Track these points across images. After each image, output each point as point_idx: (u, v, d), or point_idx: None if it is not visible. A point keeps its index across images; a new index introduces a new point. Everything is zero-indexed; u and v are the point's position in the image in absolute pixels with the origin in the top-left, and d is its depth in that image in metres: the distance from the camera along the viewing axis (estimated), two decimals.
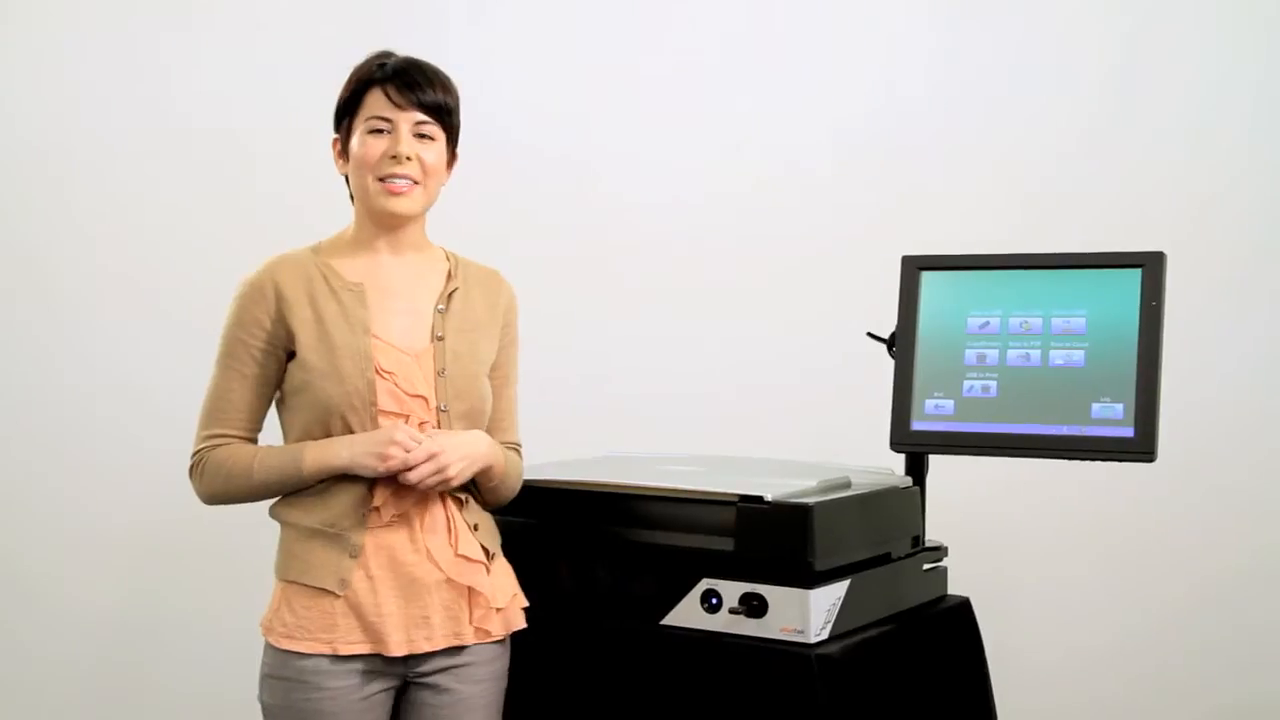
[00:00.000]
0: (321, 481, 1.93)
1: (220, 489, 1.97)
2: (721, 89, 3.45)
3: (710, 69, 3.46)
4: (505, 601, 2.00)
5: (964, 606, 2.29)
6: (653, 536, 2.06)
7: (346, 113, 2.00)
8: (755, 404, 3.33)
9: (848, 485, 2.10)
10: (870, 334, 2.36)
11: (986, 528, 3.15)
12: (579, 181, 3.43)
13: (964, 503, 2.61)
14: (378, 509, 1.93)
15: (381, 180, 1.95)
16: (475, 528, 2.00)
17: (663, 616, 2.02)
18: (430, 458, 1.89)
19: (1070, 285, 2.18)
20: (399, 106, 1.95)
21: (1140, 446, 2.06)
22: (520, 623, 2.02)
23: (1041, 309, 2.20)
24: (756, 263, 3.40)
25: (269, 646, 1.94)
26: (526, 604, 2.04)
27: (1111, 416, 2.10)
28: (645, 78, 3.46)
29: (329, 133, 2.05)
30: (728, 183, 3.44)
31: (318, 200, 2.28)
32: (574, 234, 3.41)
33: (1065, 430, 2.13)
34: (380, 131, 1.96)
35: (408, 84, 1.96)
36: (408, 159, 1.95)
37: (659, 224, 3.42)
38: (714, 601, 1.97)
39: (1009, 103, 3.37)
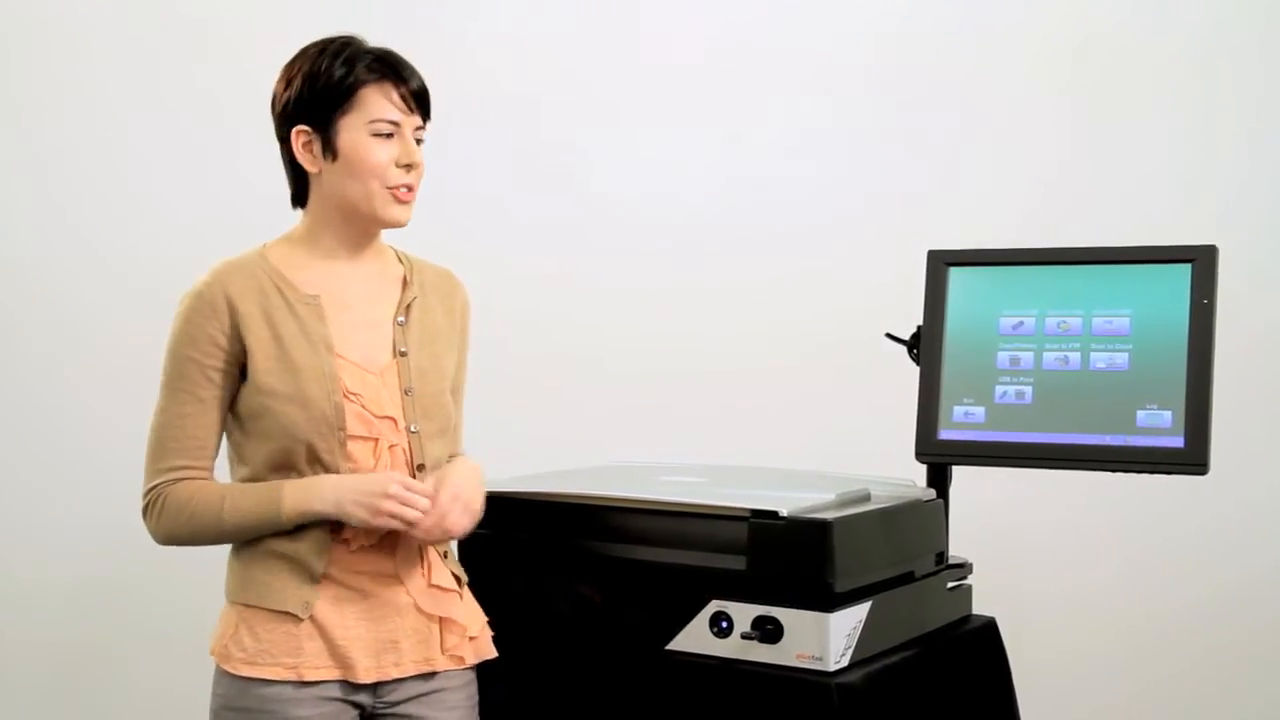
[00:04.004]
0: None
1: (183, 530, 1.84)
2: (725, 73, 3.36)
3: (712, 56, 3.36)
4: (478, 630, 1.94)
5: (990, 627, 2.22)
6: (657, 554, 1.98)
7: (332, 107, 1.84)
8: (767, 410, 3.24)
9: (868, 498, 2.03)
10: (890, 335, 2.27)
11: (1008, 541, 3.08)
12: (575, 176, 3.34)
13: (984, 514, 2.53)
14: (346, 540, 1.84)
15: (389, 188, 1.85)
16: (445, 555, 1.94)
17: (668, 641, 1.94)
18: (438, 514, 1.79)
19: (1113, 282, 2.08)
20: (407, 111, 1.85)
21: (1191, 458, 1.96)
22: (491, 651, 1.96)
23: (1081, 308, 2.09)
24: (767, 257, 3.31)
25: (223, 675, 1.83)
26: (493, 633, 1.98)
27: (1159, 425, 1.99)
28: (646, 70, 3.36)
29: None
30: (736, 172, 3.35)
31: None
32: (570, 230, 3.32)
33: (1108, 440, 2.02)
34: (385, 135, 1.84)
35: (410, 85, 1.85)
36: (414, 166, 1.87)
37: (661, 219, 3.34)
38: (724, 625, 1.89)
39: (1036, 85, 3.27)
